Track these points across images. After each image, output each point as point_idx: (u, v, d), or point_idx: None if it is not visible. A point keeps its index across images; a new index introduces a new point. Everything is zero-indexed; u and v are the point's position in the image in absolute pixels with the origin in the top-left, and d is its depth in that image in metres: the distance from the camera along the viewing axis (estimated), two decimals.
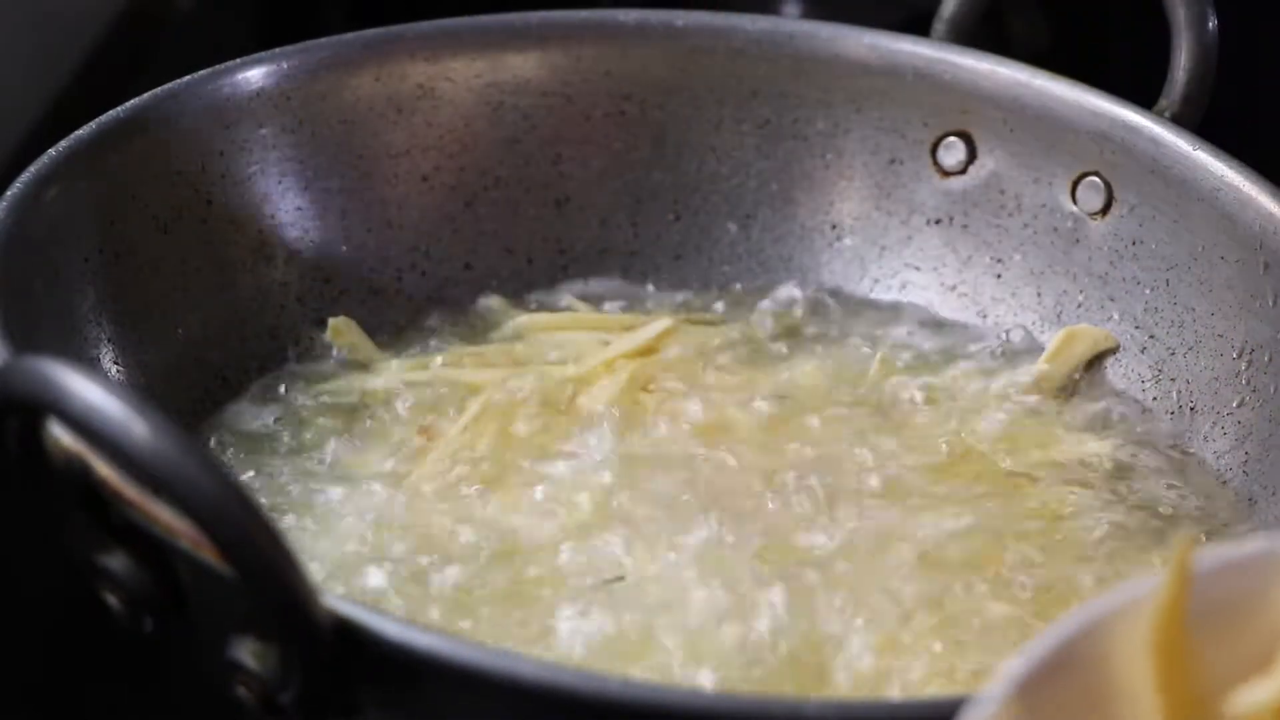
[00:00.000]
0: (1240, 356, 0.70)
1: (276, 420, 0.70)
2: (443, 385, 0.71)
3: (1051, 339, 0.75)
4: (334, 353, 0.74)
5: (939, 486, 0.68)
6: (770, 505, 0.66)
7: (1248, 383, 0.70)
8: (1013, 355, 0.76)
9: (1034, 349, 0.76)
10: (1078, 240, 0.76)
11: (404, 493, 0.66)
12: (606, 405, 0.70)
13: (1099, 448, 0.71)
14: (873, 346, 0.75)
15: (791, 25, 0.80)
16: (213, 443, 0.69)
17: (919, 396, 0.72)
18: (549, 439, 0.69)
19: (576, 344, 0.74)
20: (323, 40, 0.76)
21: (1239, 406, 0.70)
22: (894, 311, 0.78)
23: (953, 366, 0.75)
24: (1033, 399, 0.73)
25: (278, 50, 0.75)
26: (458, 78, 0.78)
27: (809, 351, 0.75)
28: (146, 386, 0.68)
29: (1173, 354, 0.73)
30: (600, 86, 0.79)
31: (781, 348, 0.75)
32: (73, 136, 0.68)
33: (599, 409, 0.70)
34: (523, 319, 0.76)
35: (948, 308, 0.78)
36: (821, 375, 0.73)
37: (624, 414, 0.70)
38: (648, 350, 0.74)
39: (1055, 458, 0.70)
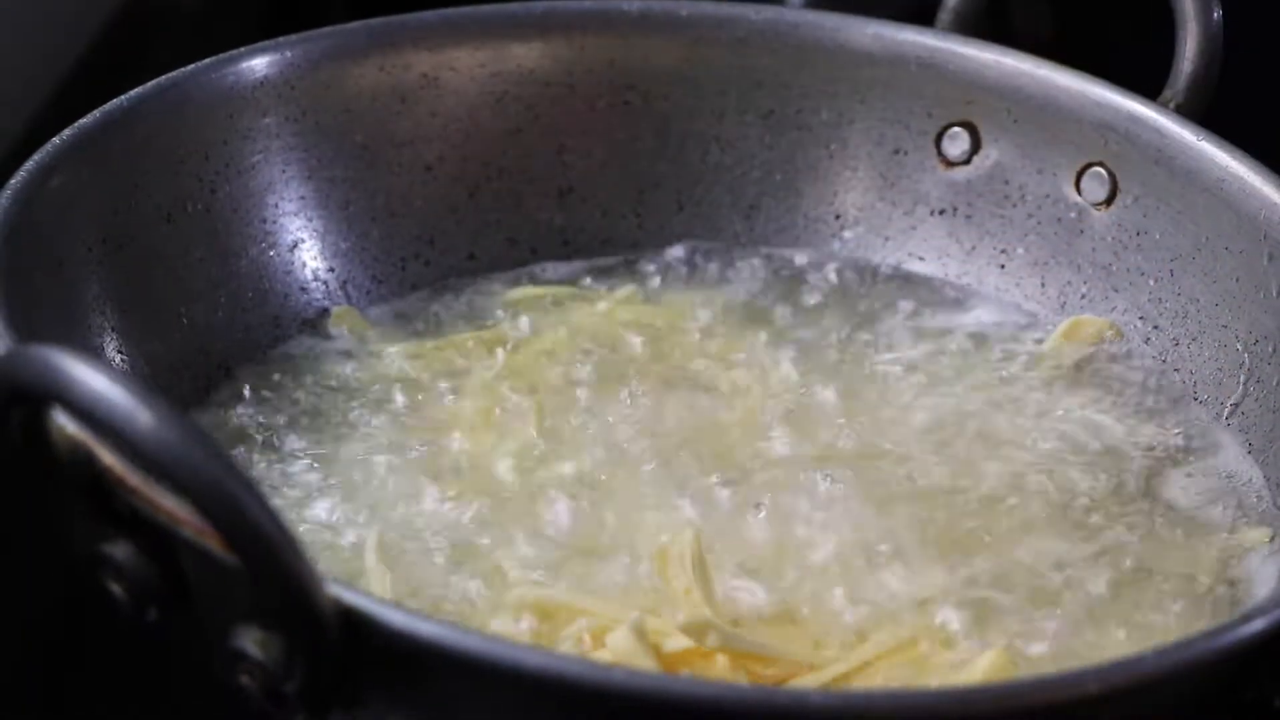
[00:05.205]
0: (1244, 348, 0.70)
1: (280, 408, 0.70)
2: (445, 372, 0.72)
3: (1056, 329, 0.75)
4: (337, 341, 0.74)
5: (941, 470, 0.68)
6: (770, 474, 0.67)
7: (1251, 373, 0.70)
8: (1017, 345, 0.76)
9: (1038, 339, 0.76)
10: (1082, 231, 0.76)
11: (407, 477, 0.66)
12: (601, 383, 0.71)
13: (1103, 435, 0.71)
14: (877, 335, 0.75)
15: (795, 15, 0.80)
16: (216, 431, 0.69)
17: (922, 384, 0.72)
18: (549, 416, 0.69)
19: (570, 322, 0.74)
20: (326, 29, 0.76)
21: (1243, 398, 0.70)
22: (898, 301, 0.78)
23: (957, 357, 0.75)
24: (1037, 389, 0.73)
25: (281, 39, 0.75)
26: (461, 67, 0.78)
27: (816, 338, 0.75)
28: (150, 375, 0.68)
29: (1176, 344, 0.73)
30: (604, 76, 0.79)
31: (786, 335, 0.75)
32: (76, 125, 0.68)
33: (593, 384, 0.70)
34: (515, 292, 0.76)
35: (951, 298, 0.78)
36: (828, 361, 0.73)
37: (618, 390, 0.70)
38: (645, 325, 0.74)
39: (1059, 447, 0.70)
